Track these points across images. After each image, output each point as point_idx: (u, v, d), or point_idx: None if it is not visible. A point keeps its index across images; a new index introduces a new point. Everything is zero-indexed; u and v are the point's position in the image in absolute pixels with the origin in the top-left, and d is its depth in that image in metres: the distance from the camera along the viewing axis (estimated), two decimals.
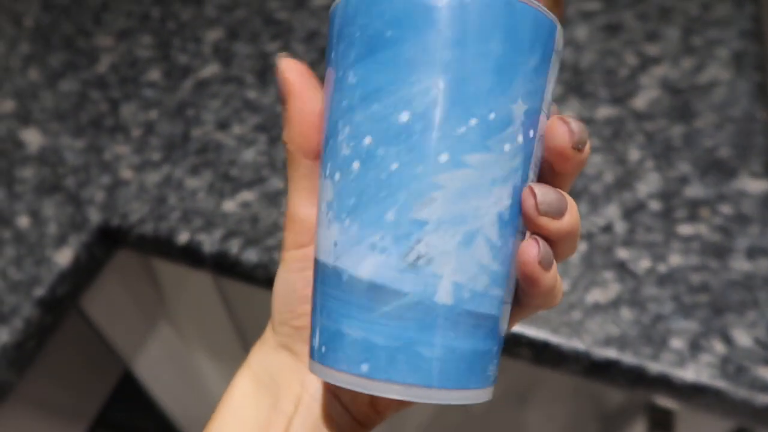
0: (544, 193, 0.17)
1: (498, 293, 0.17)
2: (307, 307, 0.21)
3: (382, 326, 0.16)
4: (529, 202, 0.17)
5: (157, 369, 0.65)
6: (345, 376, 0.16)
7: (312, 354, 0.18)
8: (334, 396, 0.22)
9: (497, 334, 0.18)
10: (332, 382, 0.17)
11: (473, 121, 0.16)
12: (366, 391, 0.16)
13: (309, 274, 0.21)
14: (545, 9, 0.17)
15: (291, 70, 0.19)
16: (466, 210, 0.16)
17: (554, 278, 0.18)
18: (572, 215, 0.17)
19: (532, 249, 0.17)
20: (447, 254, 0.16)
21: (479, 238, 0.16)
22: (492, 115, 0.16)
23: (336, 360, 0.17)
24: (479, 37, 0.16)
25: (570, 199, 0.18)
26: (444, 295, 0.16)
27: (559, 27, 0.18)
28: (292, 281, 0.21)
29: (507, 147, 0.16)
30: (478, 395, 0.17)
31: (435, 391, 0.16)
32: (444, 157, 0.16)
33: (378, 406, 0.22)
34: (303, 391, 0.21)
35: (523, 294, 0.19)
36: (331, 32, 0.18)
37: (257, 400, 0.21)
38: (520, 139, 0.17)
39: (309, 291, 0.21)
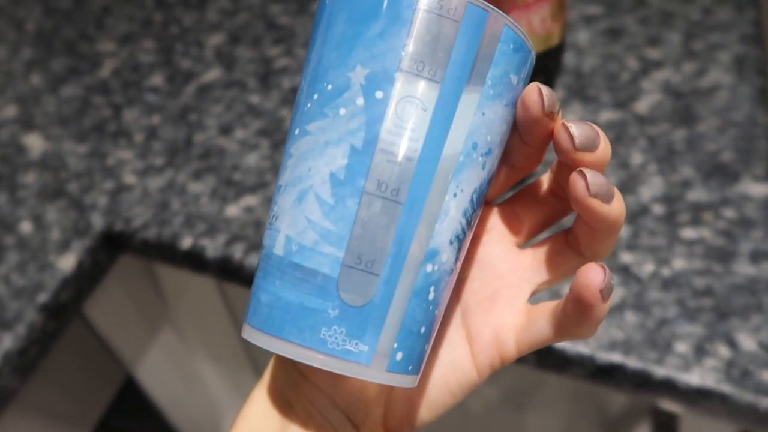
0: (581, 130, 0.18)
1: (331, 251, 0.17)
2: None
3: (257, 279, 0.19)
4: (563, 135, 0.18)
5: (159, 374, 0.65)
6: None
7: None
8: (345, 416, 0.21)
9: (332, 295, 0.17)
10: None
11: (316, 96, 0.18)
12: (250, 340, 0.18)
13: None
14: None
15: None
16: (302, 171, 0.18)
17: (606, 311, 0.17)
18: (605, 147, 0.18)
19: (597, 275, 0.17)
20: (285, 211, 0.18)
21: (310, 196, 0.17)
22: (329, 86, 0.18)
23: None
24: (329, 22, 0.18)
25: (602, 134, 0.18)
26: (278, 247, 0.18)
27: None
28: None
29: (342, 111, 0.17)
30: (303, 353, 0.17)
31: (261, 335, 0.18)
32: (297, 131, 0.18)
33: (388, 424, 0.22)
34: (312, 408, 0.21)
35: (566, 319, 0.18)
36: None
37: (270, 420, 0.21)
38: (360, 101, 0.17)
39: None
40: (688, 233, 0.44)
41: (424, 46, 0.17)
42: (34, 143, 0.54)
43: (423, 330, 0.18)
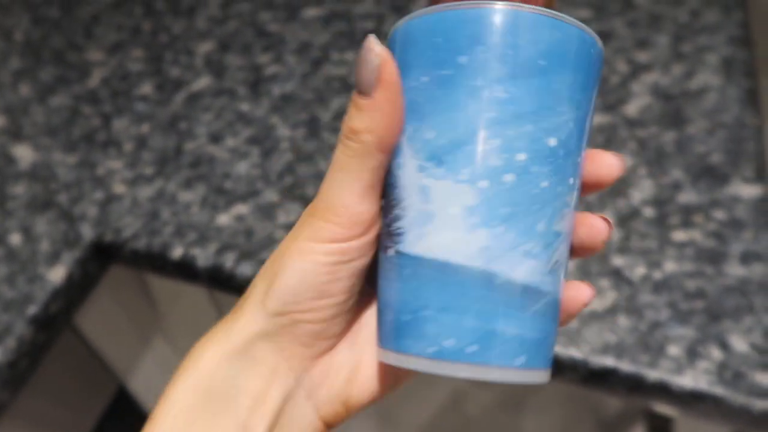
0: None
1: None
2: (321, 303, 0.20)
3: (532, 322, 0.19)
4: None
5: (152, 384, 0.65)
6: (501, 371, 0.19)
7: (449, 354, 0.19)
8: (307, 396, 0.22)
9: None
10: (489, 378, 0.18)
11: (584, 153, 0.20)
12: (520, 382, 0.19)
13: (340, 269, 0.20)
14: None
15: (388, 57, 0.19)
16: (573, 224, 0.20)
17: None
18: None
19: (587, 294, 0.21)
20: (565, 260, 0.20)
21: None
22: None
23: (490, 357, 0.18)
24: (595, 83, 0.20)
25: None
26: (561, 294, 0.20)
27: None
28: (317, 274, 0.20)
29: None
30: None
31: (545, 372, 0.20)
32: (571, 180, 0.19)
33: (349, 404, 0.22)
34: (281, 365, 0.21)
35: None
36: (455, 31, 0.18)
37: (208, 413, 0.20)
38: None
39: (332, 287, 0.20)
40: (679, 235, 0.44)
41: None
42: (23, 154, 0.54)
43: None
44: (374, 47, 0.19)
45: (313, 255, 0.20)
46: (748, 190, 0.47)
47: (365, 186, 0.19)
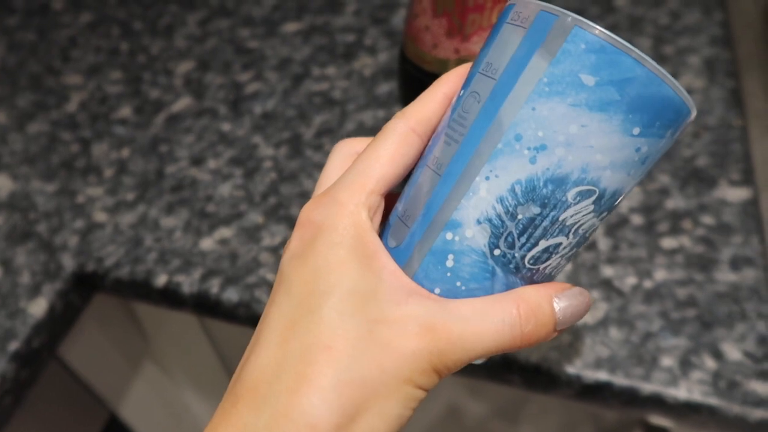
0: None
1: (398, 207, 0.24)
2: None
3: None
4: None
5: (144, 410, 0.64)
6: None
7: None
8: None
9: (384, 238, 0.24)
10: None
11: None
12: None
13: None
14: None
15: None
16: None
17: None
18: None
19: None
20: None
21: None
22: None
23: None
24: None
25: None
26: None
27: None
28: (407, 418, 0.19)
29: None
30: None
31: None
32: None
33: None
34: None
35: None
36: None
37: None
38: (454, 99, 0.23)
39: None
40: (668, 242, 0.44)
41: (495, 51, 0.21)
42: (2, 184, 0.53)
43: (435, 290, 0.21)
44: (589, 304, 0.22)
45: (416, 402, 0.19)
46: (736, 194, 0.46)
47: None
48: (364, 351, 0.18)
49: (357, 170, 0.21)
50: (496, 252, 0.20)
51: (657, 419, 0.42)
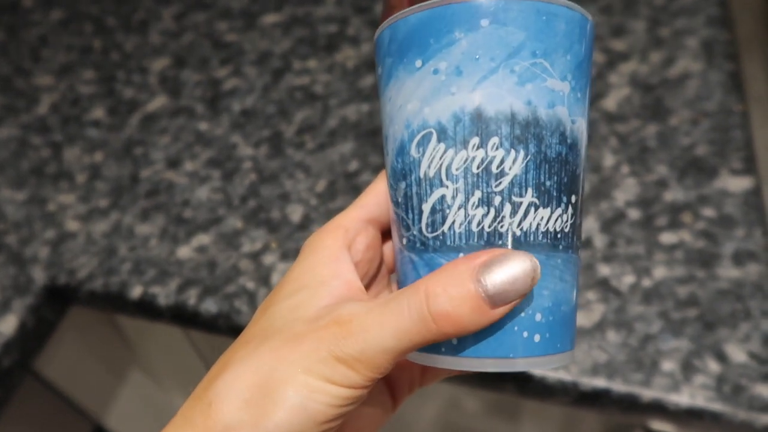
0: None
1: None
2: None
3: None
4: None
5: (131, 419, 0.62)
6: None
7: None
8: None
9: None
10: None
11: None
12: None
13: (344, 412, 0.19)
14: None
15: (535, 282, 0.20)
16: None
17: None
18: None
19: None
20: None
21: None
22: None
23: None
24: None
25: None
26: None
27: None
28: (323, 416, 0.19)
29: None
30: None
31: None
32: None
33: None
34: None
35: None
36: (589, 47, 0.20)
37: None
38: None
39: (327, 426, 0.19)
40: (668, 238, 0.42)
41: None
42: None
43: None
44: (536, 267, 0.18)
45: (327, 397, 0.18)
46: (737, 183, 0.44)
47: (405, 355, 0.19)
48: (274, 344, 0.19)
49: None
50: (404, 241, 0.21)
51: (659, 425, 0.40)
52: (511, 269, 0.18)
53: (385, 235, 0.24)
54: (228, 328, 0.42)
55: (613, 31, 0.55)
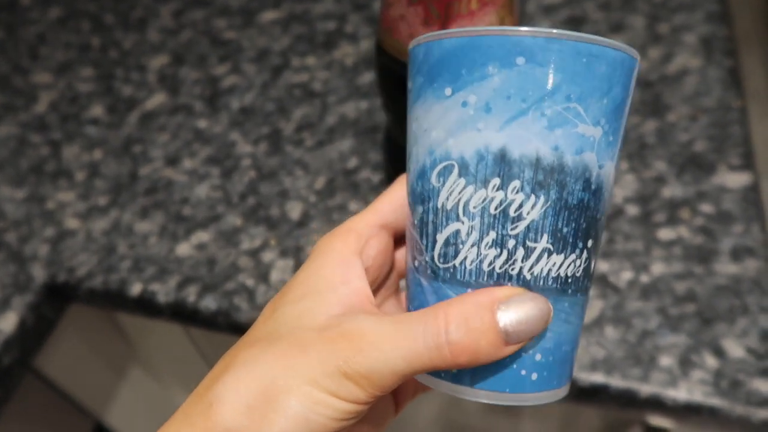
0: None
1: None
2: None
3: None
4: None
5: (131, 416, 0.62)
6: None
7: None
8: None
9: None
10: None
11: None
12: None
13: (344, 425, 0.19)
14: None
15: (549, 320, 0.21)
16: None
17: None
18: None
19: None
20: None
21: None
22: None
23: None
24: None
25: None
26: None
27: None
28: (324, 428, 0.19)
29: None
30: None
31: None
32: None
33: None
34: None
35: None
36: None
37: None
38: None
39: None
40: (666, 234, 0.42)
41: None
42: None
43: None
44: (550, 309, 0.19)
45: (330, 410, 0.18)
46: (735, 179, 0.44)
47: (413, 376, 0.19)
48: (279, 350, 0.19)
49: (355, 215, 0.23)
50: (416, 263, 0.20)
51: (657, 420, 0.40)
52: (529, 310, 0.18)
53: (398, 240, 0.24)
54: (227, 325, 0.42)
55: (612, 27, 0.55)
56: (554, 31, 0.17)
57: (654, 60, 0.52)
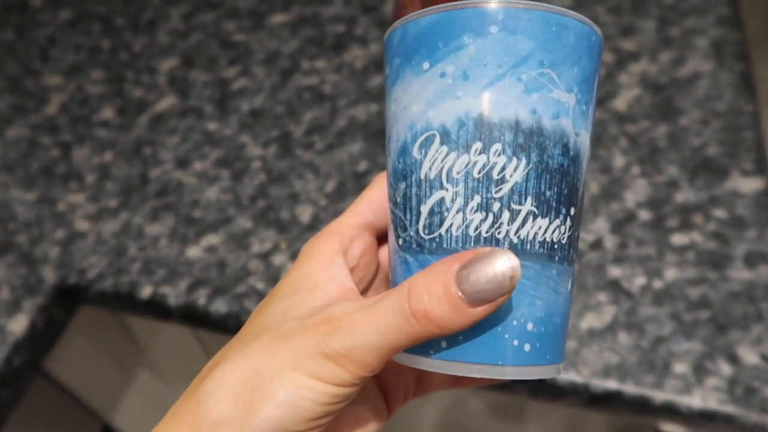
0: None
1: None
2: None
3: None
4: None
5: (139, 418, 0.62)
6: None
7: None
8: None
9: None
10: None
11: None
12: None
13: (333, 409, 0.19)
14: None
15: (517, 278, 0.20)
16: None
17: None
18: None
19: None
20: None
21: None
22: None
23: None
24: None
25: None
26: None
27: None
28: (312, 413, 0.19)
29: None
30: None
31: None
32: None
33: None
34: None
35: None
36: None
37: None
38: None
39: (317, 423, 0.19)
40: (679, 239, 0.42)
41: None
42: None
43: None
44: (515, 266, 0.17)
45: (315, 394, 0.18)
46: (749, 184, 0.44)
47: (393, 354, 0.19)
48: (264, 341, 0.19)
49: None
50: (400, 242, 0.21)
51: (669, 427, 0.40)
52: (489, 268, 0.17)
53: (381, 240, 0.25)
54: (237, 328, 0.42)
55: (623, 30, 0.55)
56: (525, 2, 0.19)
57: (665, 64, 0.52)
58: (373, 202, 0.23)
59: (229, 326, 0.42)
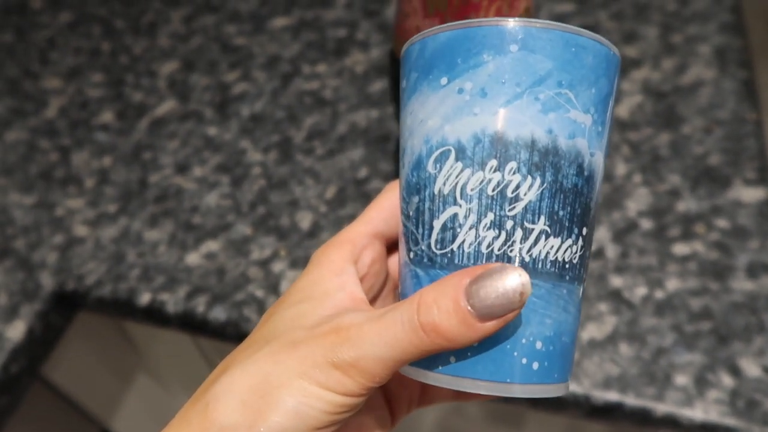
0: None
1: None
2: None
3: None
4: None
5: (138, 424, 0.62)
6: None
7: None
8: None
9: None
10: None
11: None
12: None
13: (340, 419, 0.19)
14: None
15: (528, 294, 0.20)
16: None
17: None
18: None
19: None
20: None
21: None
22: None
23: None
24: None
25: None
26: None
27: None
28: (318, 421, 0.19)
29: None
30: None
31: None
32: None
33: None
34: None
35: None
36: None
37: None
38: None
39: None
40: (680, 249, 0.41)
41: None
42: None
43: None
44: (525, 283, 0.17)
45: (322, 403, 0.18)
46: (751, 194, 0.44)
47: (401, 366, 0.19)
48: (272, 348, 0.19)
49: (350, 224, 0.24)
50: (411, 255, 0.21)
51: None
52: (499, 283, 0.17)
53: (391, 249, 0.24)
54: (237, 335, 0.42)
55: (625, 37, 0.55)
56: (545, 21, 0.19)
57: (667, 71, 0.52)
58: (384, 210, 0.23)
59: (228, 334, 0.42)
